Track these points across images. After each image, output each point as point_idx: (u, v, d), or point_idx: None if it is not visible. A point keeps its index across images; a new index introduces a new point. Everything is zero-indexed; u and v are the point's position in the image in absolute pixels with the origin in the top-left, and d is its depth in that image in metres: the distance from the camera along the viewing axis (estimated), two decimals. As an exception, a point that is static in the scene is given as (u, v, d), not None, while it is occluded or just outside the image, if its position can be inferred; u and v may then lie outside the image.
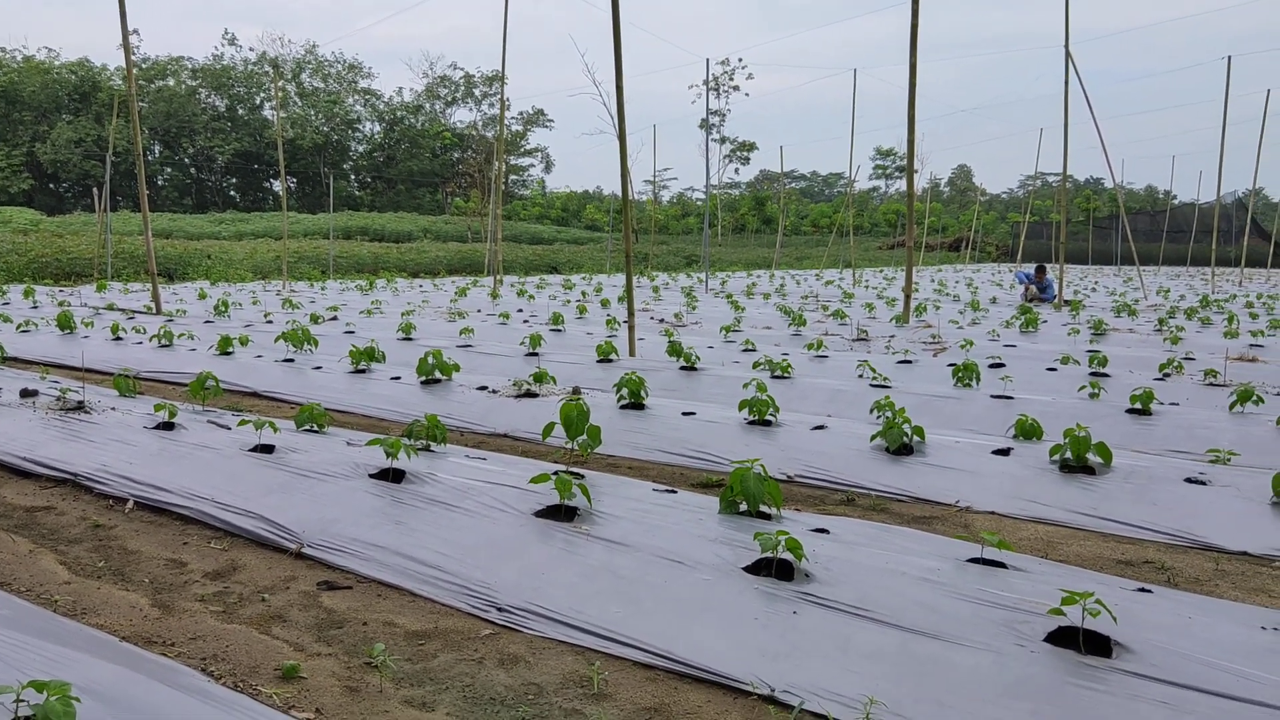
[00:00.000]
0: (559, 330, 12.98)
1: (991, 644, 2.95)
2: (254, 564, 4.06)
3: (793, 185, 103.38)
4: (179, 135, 71.73)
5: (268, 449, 5.21)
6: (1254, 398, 6.84)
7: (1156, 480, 5.02)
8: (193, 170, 76.01)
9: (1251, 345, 11.84)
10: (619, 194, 10.30)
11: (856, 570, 3.50)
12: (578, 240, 59.58)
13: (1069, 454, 5.26)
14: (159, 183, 72.33)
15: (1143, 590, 3.47)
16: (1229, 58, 25.42)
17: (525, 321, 14.61)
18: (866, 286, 28.82)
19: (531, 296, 21.23)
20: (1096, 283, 32.93)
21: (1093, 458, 5.26)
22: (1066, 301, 20.02)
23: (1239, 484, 4.93)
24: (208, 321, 13.86)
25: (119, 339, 11.16)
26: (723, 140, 77.27)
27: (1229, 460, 5.55)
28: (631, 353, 10.29)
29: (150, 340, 10.77)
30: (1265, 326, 14.68)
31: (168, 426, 5.77)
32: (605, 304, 18.71)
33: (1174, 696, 2.64)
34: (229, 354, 9.76)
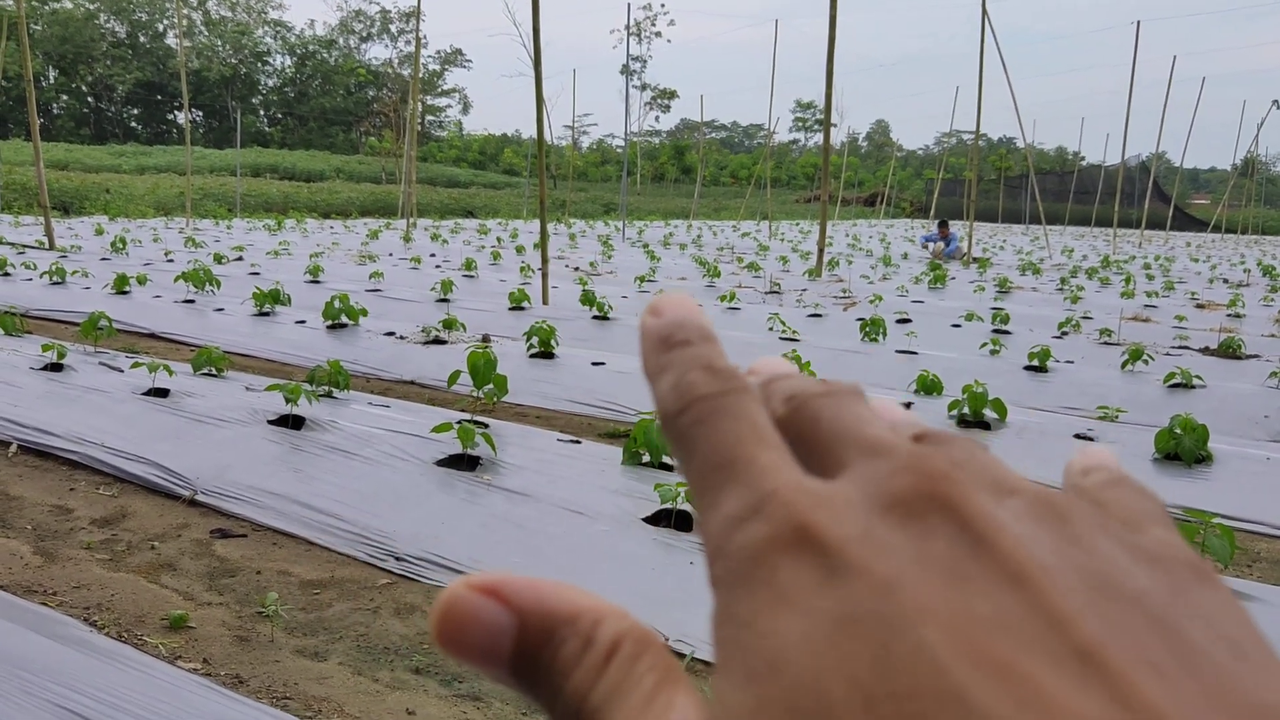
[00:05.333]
0: (471, 276, 12.82)
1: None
2: (145, 511, 3.95)
3: (713, 135, 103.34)
4: (76, 62, 68.36)
5: (162, 393, 5.05)
6: (1144, 357, 7.11)
7: (1048, 436, 5.20)
8: (91, 99, 72.65)
9: (1146, 306, 12.29)
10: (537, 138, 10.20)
11: (755, 521, 3.55)
12: (495, 185, 58.71)
13: (966, 409, 5.40)
14: (54, 111, 68.99)
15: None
16: (1138, 23, 26.05)
17: (438, 267, 14.38)
18: (782, 239, 29.06)
19: (445, 241, 20.90)
20: (1005, 241, 33.74)
21: (989, 414, 5.42)
22: (975, 259, 20.48)
23: (1125, 440, 5.13)
24: (105, 259, 13.33)
25: (7, 275, 10.67)
26: (643, 87, 76.80)
27: (1117, 417, 5.77)
28: (545, 301, 10.21)
29: (41, 277, 10.33)
30: (1160, 288, 15.24)
31: (56, 368, 5.56)
32: (520, 251, 18.53)
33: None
34: (126, 293, 9.42)
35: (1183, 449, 4.79)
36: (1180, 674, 0.19)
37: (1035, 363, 7.01)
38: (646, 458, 4.23)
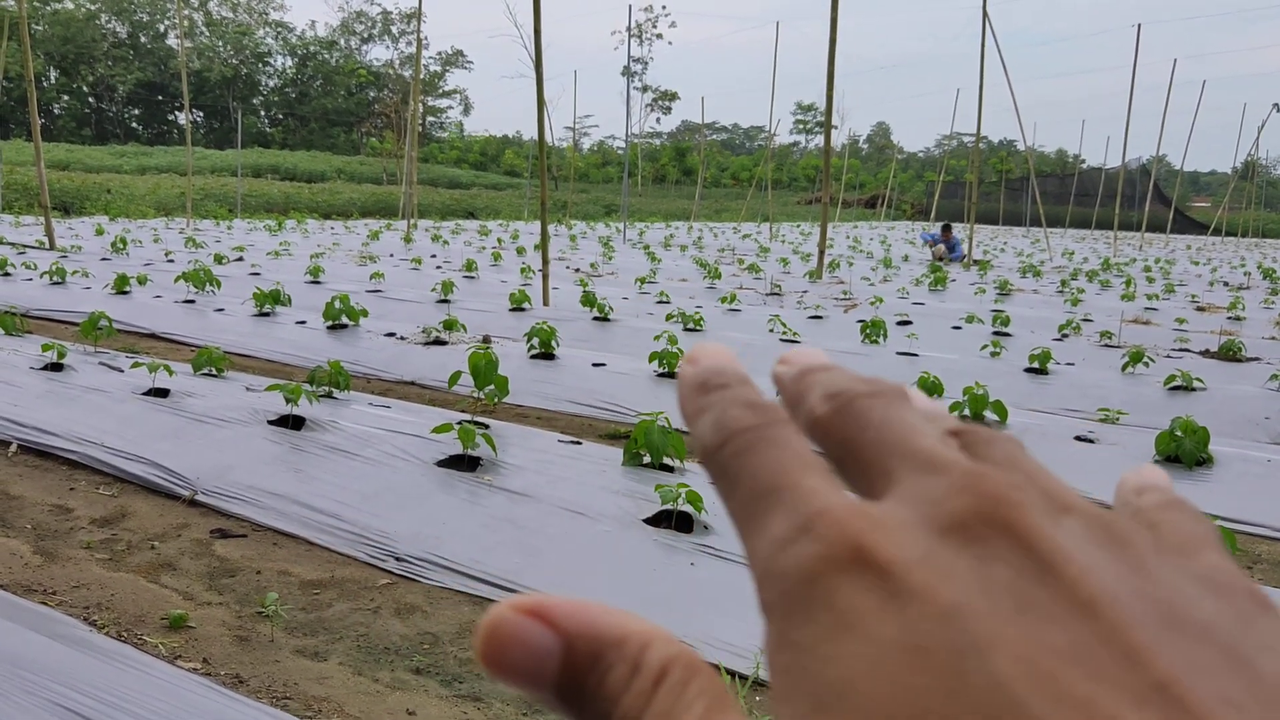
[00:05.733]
0: (472, 277, 12.82)
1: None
2: (145, 511, 3.95)
3: (714, 137, 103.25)
4: (77, 62, 68.36)
5: (162, 393, 5.05)
6: (1144, 359, 7.11)
7: (1049, 438, 5.19)
8: (92, 99, 72.66)
9: (1146, 308, 12.29)
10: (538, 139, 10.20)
11: (756, 523, 3.55)
12: (496, 186, 58.70)
13: (967, 412, 5.40)
14: (55, 111, 69.00)
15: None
16: (1139, 25, 26.06)
17: (438, 267, 14.38)
18: (783, 241, 29.06)
19: (446, 242, 20.90)
20: (1006, 243, 33.73)
21: (990, 415, 5.42)
22: (976, 261, 20.47)
23: (1125, 442, 5.13)
24: (105, 259, 13.33)
25: (7, 275, 10.68)
26: (645, 89, 76.80)
27: (1118, 419, 5.76)
28: (545, 302, 10.21)
29: (42, 277, 10.32)
30: (1160, 290, 15.24)
31: (56, 368, 5.56)
32: (521, 252, 18.53)
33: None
34: (126, 293, 9.42)
35: (1183, 451, 4.79)
36: (1257, 709, 0.19)
37: (1036, 365, 7.01)
38: (647, 459, 4.23)
